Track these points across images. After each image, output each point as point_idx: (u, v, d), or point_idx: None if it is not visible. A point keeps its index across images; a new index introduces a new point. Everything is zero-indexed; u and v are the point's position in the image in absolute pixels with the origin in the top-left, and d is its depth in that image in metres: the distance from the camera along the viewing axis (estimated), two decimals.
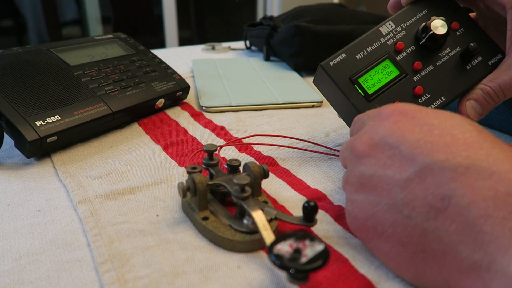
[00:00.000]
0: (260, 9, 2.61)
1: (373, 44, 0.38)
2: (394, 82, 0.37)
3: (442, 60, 0.38)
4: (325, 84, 0.38)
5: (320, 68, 0.37)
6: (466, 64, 0.37)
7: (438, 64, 0.37)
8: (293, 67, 0.71)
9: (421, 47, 0.38)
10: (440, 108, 0.36)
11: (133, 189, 0.35)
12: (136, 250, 0.28)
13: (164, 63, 0.56)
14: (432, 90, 0.37)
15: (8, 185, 0.36)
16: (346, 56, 0.37)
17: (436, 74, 0.37)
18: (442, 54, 0.38)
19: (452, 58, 0.38)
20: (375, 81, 0.36)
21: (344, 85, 0.36)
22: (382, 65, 0.37)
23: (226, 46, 0.91)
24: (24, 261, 0.27)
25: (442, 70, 0.37)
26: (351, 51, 0.37)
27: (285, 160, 0.41)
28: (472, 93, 0.37)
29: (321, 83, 0.39)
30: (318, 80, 0.39)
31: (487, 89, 0.36)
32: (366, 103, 0.36)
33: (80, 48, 0.52)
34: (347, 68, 0.37)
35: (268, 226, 0.27)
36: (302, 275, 0.22)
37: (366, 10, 2.57)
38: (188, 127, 0.48)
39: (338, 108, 0.39)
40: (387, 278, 0.26)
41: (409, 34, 0.38)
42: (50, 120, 0.40)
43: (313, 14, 0.74)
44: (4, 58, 0.44)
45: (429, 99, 0.36)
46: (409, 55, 0.38)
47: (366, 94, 0.36)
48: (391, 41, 0.38)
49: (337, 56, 0.37)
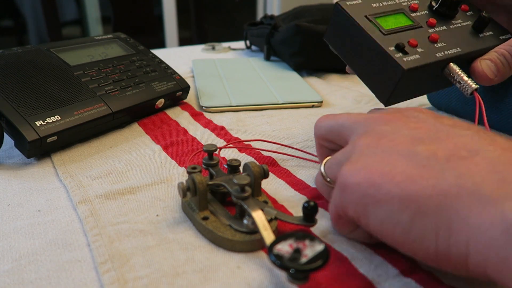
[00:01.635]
0: (260, 8, 2.61)
1: (389, 1, 0.38)
2: (409, 28, 0.37)
3: (456, 25, 0.38)
4: (339, 28, 0.38)
5: (337, 6, 0.37)
6: (479, 34, 0.38)
7: (452, 28, 0.38)
8: (293, 67, 0.71)
9: (435, 13, 0.38)
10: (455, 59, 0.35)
11: (133, 189, 0.35)
12: (136, 250, 0.28)
13: (164, 63, 0.56)
14: (448, 40, 0.37)
15: (8, 185, 0.36)
16: (363, 2, 0.38)
17: (450, 32, 0.37)
18: (455, 22, 0.38)
19: (465, 27, 0.38)
20: (391, 24, 0.36)
21: (360, 20, 0.36)
22: (397, 16, 0.37)
23: (226, 46, 0.91)
24: (24, 261, 0.27)
25: (456, 31, 0.38)
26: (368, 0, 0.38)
27: (285, 160, 0.41)
28: (487, 54, 0.37)
29: (335, 29, 0.38)
30: (331, 27, 0.39)
31: (502, 51, 0.36)
32: (382, 35, 0.35)
33: (80, 48, 0.52)
34: (363, 9, 0.37)
35: (268, 226, 0.27)
36: (302, 275, 0.22)
37: None
38: (188, 127, 0.48)
39: (352, 58, 0.38)
40: (387, 277, 0.26)
41: (423, 2, 0.39)
42: (50, 120, 0.40)
43: (313, 14, 0.74)
44: (4, 58, 0.44)
45: (444, 46, 0.36)
46: (423, 14, 0.38)
47: (382, 29, 0.36)
48: (406, 3, 0.39)
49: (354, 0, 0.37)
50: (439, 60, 0.35)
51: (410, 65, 0.33)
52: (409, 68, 0.33)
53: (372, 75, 0.36)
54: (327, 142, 0.32)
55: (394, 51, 0.34)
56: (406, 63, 0.33)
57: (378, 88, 0.36)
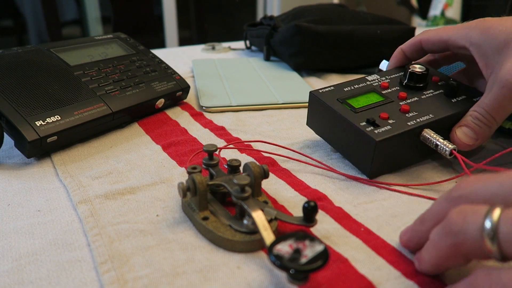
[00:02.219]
0: (260, 9, 2.62)
1: (360, 84, 0.41)
2: (380, 104, 0.38)
3: (427, 95, 0.40)
4: (316, 114, 0.40)
5: (311, 94, 0.40)
6: (451, 99, 0.40)
7: (423, 97, 0.40)
8: (293, 67, 0.71)
9: (406, 87, 0.41)
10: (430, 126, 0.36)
11: (133, 189, 0.35)
12: (136, 250, 0.28)
13: (164, 63, 0.56)
14: (419, 109, 0.38)
15: (8, 185, 0.36)
16: (334, 88, 0.40)
17: (422, 101, 0.39)
18: (426, 92, 0.40)
19: (437, 95, 0.40)
20: (362, 102, 0.39)
21: (332, 103, 0.38)
22: (368, 95, 0.40)
23: (226, 46, 0.91)
24: (24, 261, 0.27)
25: (428, 100, 0.39)
26: (339, 86, 0.41)
27: (286, 161, 0.41)
28: (462, 120, 0.38)
29: (313, 115, 0.41)
30: (309, 114, 0.41)
31: (475, 114, 0.37)
32: (353, 114, 0.37)
33: (80, 48, 0.52)
34: (335, 94, 0.39)
35: (268, 226, 0.27)
36: (302, 276, 0.22)
37: (366, 10, 2.57)
38: (188, 127, 0.48)
39: (333, 139, 0.40)
40: (388, 278, 0.26)
41: (393, 80, 0.42)
42: (50, 120, 0.40)
43: (313, 14, 0.74)
44: (4, 58, 0.44)
45: (416, 115, 0.37)
46: (394, 90, 0.40)
47: (353, 109, 0.38)
48: (377, 83, 0.41)
49: (325, 88, 0.40)
50: (411, 128, 0.36)
51: (382, 136, 0.34)
52: (381, 139, 0.34)
53: (352, 152, 0.37)
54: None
55: (365, 125, 0.35)
56: (377, 135, 0.34)
57: (360, 163, 0.37)
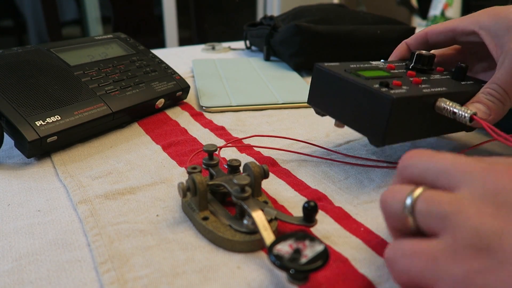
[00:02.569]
0: (260, 9, 2.62)
1: (365, 64, 0.40)
2: (390, 77, 0.37)
3: (435, 77, 0.39)
4: (320, 87, 0.38)
5: (316, 67, 0.38)
6: (460, 82, 0.39)
7: (432, 78, 0.38)
8: (293, 67, 0.71)
9: (412, 70, 0.40)
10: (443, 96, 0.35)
11: (133, 189, 0.35)
12: (136, 250, 0.28)
13: (164, 63, 0.56)
14: (431, 84, 0.37)
15: (8, 185, 0.36)
16: (340, 64, 0.39)
17: (431, 80, 0.38)
18: (433, 75, 0.39)
19: (444, 78, 0.39)
20: (370, 74, 0.37)
21: (340, 73, 0.36)
22: (376, 70, 0.38)
23: (226, 46, 0.91)
24: (24, 261, 0.27)
25: (437, 80, 0.38)
26: (344, 63, 0.39)
27: (286, 161, 0.41)
28: (474, 98, 0.37)
29: (316, 89, 0.39)
30: (312, 89, 0.39)
31: (488, 90, 0.36)
32: (364, 79, 0.35)
33: (80, 48, 0.52)
34: (341, 67, 0.38)
35: (268, 226, 0.27)
36: (302, 276, 0.22)
37: (366, 10, 2.57)
38: (188, 127, 0.48)
39: (339, 111, 0.37)
40: (387, 278, 0.26)
41: (398, 66, 0.41)
42: (50, 120, 0.40)
43: (313, 14, 0.74)
44: (4, 58, 0.44)
45: (429, 87, 0.36)
46: (402, 71, 0.39)
47: (362, 77, 0.36)
48: (382, 65, 0.40)
49: (330, 63, 0.39)
50: (426, 94, 0.34)
51: (399, 95, 0.32)
52: (398, 97, 0.32)
53: (362, 120, 0.35)
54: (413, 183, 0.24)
55: (379, 87, 0.33)
56: (394, 94, 0.32)
57: (371, 130, 0.34)
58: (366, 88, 0.33)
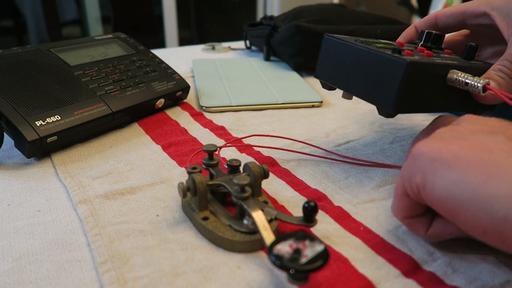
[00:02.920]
0: (260, 9, 2.62)
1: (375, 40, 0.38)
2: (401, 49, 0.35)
3: (445, 55, 0.38)
4: (329, 57, 0.37)
5: (325, 37, 0.37)
6: (470, 60, 0.39)
7: (442, 55, 0.38)
8: (293, 67, 0.71)
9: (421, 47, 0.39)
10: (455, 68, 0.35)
11: (133, 189, 0.35)
12: (136, 250, 0.28)
13: (164, 63, 0.56)
14: (442, 58, 0.37)
15: (8, 185, 0.36)
16: (349, 37, 0.38)
17: (442, 56, 0.38)
18: (443, 54, 0.39)
19: (454, 57, 0.39)
20: (381, 45, 0.36)
21: (351, 41, 0.36)
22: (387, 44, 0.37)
23: (226, 46, 0.91)
24: (24, 261, 0.27)
25: (447, 57, 0.38)
26: (352, 37, 0.38)
27: (285, 160, 0.41)
28: (484, 74, 0.37)
29: (324, 60, 0.38)
30: (320, 60, 0.38)
31: (498, 66, 0.37)
32: (375, 47, 0.34)
33: (80, 48, 0.52)
34: (351, 39, 0.37)
35: (268, 226, 0.27)
36: (302, 276, 0.22)
37: (366, 10, 2.57)
38: (188, 127, 0.48)
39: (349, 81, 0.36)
40: (387, 278, 0.26)
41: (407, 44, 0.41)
42: (50, 120, 0.40)
43: (313, 14, 0.74)
44: (4, 58, 0.44)
45: (440, 59, 0.36)
46: (412, 47, 0.39)
47: (374, 46, 0.35)
48: (392, 42, 0.39)
49: (339, 35, 0.38)
50: (439, 63, 0.34)
51: (412, 60, 0.32)
52: (412, 61, 0.31)
53: (373, 89, 0.34)
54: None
55: (391, 54, 0.33)
56: (407, 58, 0.32)
57: (383, 98, 0.33)
58: (378, 54, 0.33)
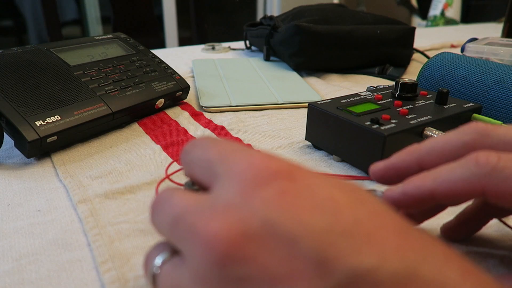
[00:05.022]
0: (260, 9, 2.62)
1: (355, 98, 0.43)
2: (379, 110, 0.40)
3: (420, 104, 0.42)
4: (315, 125, 0.41)
5: (310, 106, 0.41)
6: (443, 106, 0.41)
7: (417, 105, 0.41)
8: (293, 67, 0.71)
9: (398, 98, 0.43)
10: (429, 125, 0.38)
11: (133, 188, 0.35)
12: (137, 250, 0.28)
13: (164, 63, 0.56)
14: (417, 113, 0.39)
15: (8, 185, 0.36)
16: (331, 101, 0.42)
17: (417, 108, 0.41)
18: (418, 102, 0.42)
19: (428, 103, 0.42)
20: (361, 109, 0.40)
21: (334, 111, 0.39)
22: (365, 104, 0.41)
23: (226, 46, 0.91)
24: (24, 261, 0.27)
25: (422, 107, 0.41)
26: (335, 99, 0.42)
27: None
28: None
29: (312, 127, 0.41)
30: (308, 127, 0.42)
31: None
32: (356, 117, 0.38)
33: (80, 48, 0.52)
34: (333, 104, 0.41)
35: None
36: None
37: (366, 10, 2.57)
38: (188, 127, 0.48)
39: (336, 147, 0.39)
40: None
41: (385, 94, 0.44)
42: (50, 120, 0.40)
43: (313, 14, 0.74)
44: (4, 58, 0.44)
45: (415, 117, 0.38)
46: (389, 101, 0.42)
47: (354, 113, 0.38)
48: (370, 96, 0.43)
49: (322, 100, 0.42)
50: (414, 126, 0.37)
51: (389, 131, 0.35)
52: (389, 133, 0.35)
53: (358, 156, 0.37)
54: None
55: (370, 124, 0.36)
56: (384, 130, 0.35)
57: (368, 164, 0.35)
58: (358, 126, 0.36)
